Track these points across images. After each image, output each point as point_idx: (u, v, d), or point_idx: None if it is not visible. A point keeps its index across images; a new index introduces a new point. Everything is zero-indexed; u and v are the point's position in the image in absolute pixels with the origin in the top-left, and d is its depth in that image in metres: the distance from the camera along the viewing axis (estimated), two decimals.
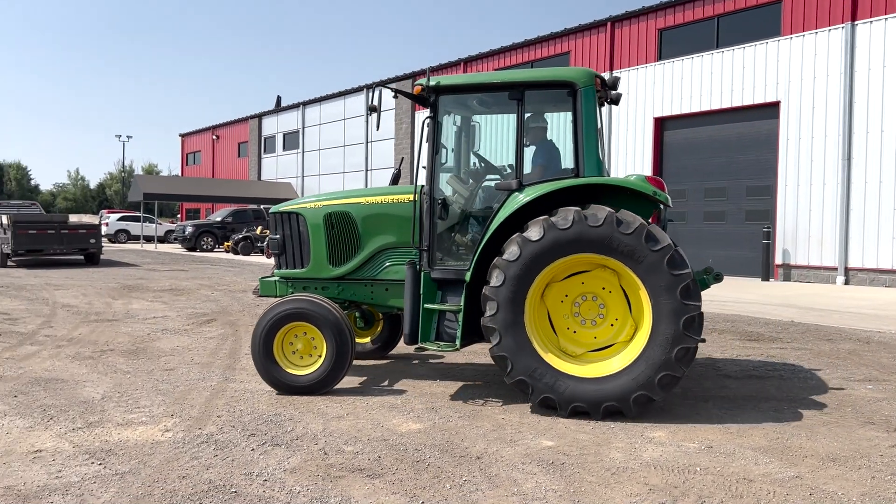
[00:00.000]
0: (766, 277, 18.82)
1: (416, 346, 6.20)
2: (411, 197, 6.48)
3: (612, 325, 5.78)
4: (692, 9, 21.31)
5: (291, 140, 43.01)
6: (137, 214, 42.81)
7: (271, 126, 44.86)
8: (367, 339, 8.12)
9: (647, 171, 22.19)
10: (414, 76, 31.61)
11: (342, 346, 6.24)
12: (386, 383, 6.89)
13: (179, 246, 35.94)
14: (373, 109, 6.15)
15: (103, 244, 28.49)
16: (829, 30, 18.19)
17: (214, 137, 51.48)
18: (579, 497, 4.07)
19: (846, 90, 17.76)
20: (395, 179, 7.65)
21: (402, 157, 8.56)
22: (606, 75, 6.46)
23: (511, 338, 5.63)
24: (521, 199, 5.88)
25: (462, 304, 5.98)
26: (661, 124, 22.26)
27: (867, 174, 17.49)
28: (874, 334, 9.97)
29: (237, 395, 6.31)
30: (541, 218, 5.63)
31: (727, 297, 14.50)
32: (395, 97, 6.51)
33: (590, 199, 5.81)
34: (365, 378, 7.08)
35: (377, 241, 6.73)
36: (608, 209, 5.49)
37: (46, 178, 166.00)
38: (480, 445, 4.97)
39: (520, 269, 5.58)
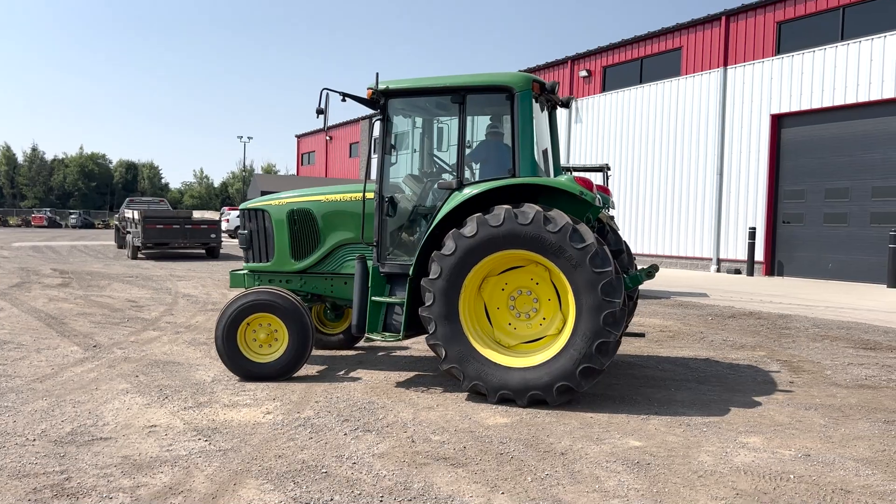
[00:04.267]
0: (893, 284, 17.54)
1: (364, 336, 6.55)
2: (363, 195, 6.76)
3: (543, 319, 6.05)
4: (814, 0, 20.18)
5: (400, 142, 43.86)
6: None
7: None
8: (338, 331, 8.35)
9: (763, 169, 21.22)
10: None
11: (303, 337, 6.56)
12: None
13: None
14: (320, 112, 6.37)
15: (224, 239, 30.14)
16: None
17: (328, 138, 53.36)
18: (661, 497, 4.02)
19: None
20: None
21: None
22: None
23: (445, 328, 5.92)
24: (459, 197, 6.09)
25: (406, 297, 6.23)
26: (779, 122, 21.19)
27: None
28: None
29: (335, 383, 6.59)
30: (475, 216, 5.89)
31: (844, 304, 13.68)
32: (344, 100, 6.67)
33: (531, 200, 6.01)
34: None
35: (335, 236, 7.11)
36: (507, 207, 5.76)
37: (176, 176, 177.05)
38: (566, 442, 4.98)
39: (455, 262, 5.88)
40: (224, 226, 42.65)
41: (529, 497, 4.01)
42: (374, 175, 6.93)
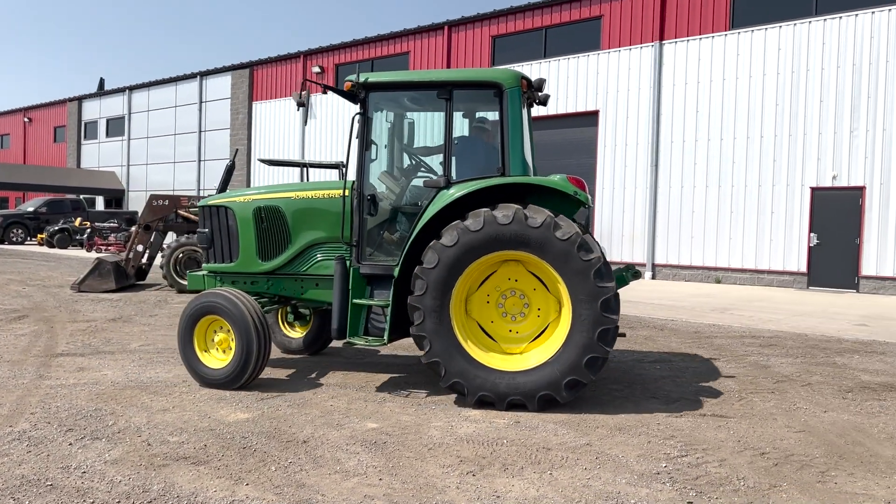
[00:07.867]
0: None
1: (345, 340, 6.25)
2: (343, 192, 6.51)
3: (539, 310, 5.98)
4: (523, 19, 22.52)
5: (116, 126, 40.36)
6: None
7: (93, 110, 41.84)
8: (300, 335, 8.03)
9: None
10: (247, 67, 30.72)
11: (249, 344, 6.22)
12: None
13: None
14: (300, 105, 6.23)
15: None
16: (641, 47, 19.98)
17: (26, 120, 47.17)
18: (397, 471, 4.41)
19: (654, 103, 19.62)
20: (229, 171, 7.71)
21: (237, 149, 8.55)
22: (534, 76, 6.65)
23: (434, 319, 5.80)
24: (448, 196, 5.97)
25: (390, 299, 6.06)
26: None
27: (671, 180, 19.43)
28: (668, 322, 11.23)
29: (53, 392, 6.07)
30: (453, 223, 5.79)
31: None
32: (325, 93, 6.67)
33: (517, 199, 5.93)
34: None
35: (307, 235, 6.74)
36: (516, 206, 5.67)
37: None
38: (307, 430, 5.18)
39: (441, 274, 5.76)
40: None
41: (274, 485, 4.14)
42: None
